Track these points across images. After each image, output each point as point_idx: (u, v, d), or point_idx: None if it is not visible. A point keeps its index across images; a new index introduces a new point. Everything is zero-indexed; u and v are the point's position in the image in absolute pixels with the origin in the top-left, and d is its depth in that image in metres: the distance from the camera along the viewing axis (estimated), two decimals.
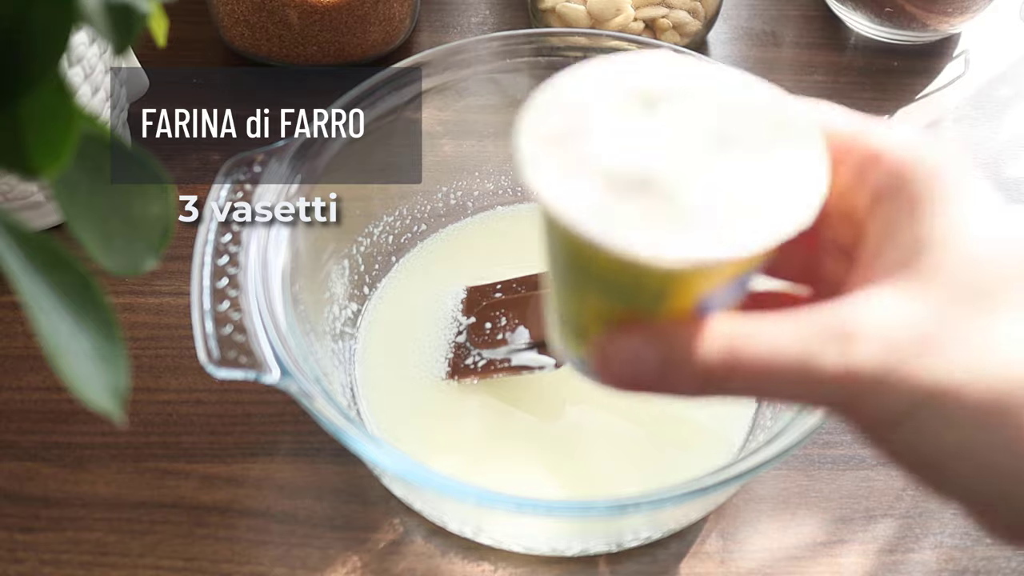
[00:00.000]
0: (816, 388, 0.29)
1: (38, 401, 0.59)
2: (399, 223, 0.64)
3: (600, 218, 0.28)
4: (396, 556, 0.54)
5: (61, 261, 0.30)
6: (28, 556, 0.53)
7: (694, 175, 0.29)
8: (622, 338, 0.30)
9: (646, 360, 0.30)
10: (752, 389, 0.29)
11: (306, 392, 0.46)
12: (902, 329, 0.28)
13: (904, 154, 0.31)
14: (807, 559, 0.54)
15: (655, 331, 0.30)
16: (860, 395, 0.28)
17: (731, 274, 0.30)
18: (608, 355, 0.31)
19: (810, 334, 0.28)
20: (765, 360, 0.29)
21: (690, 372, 0.29)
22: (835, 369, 0.28)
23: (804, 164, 0.30)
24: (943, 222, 0.29)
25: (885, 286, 0.29)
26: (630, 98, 0.31)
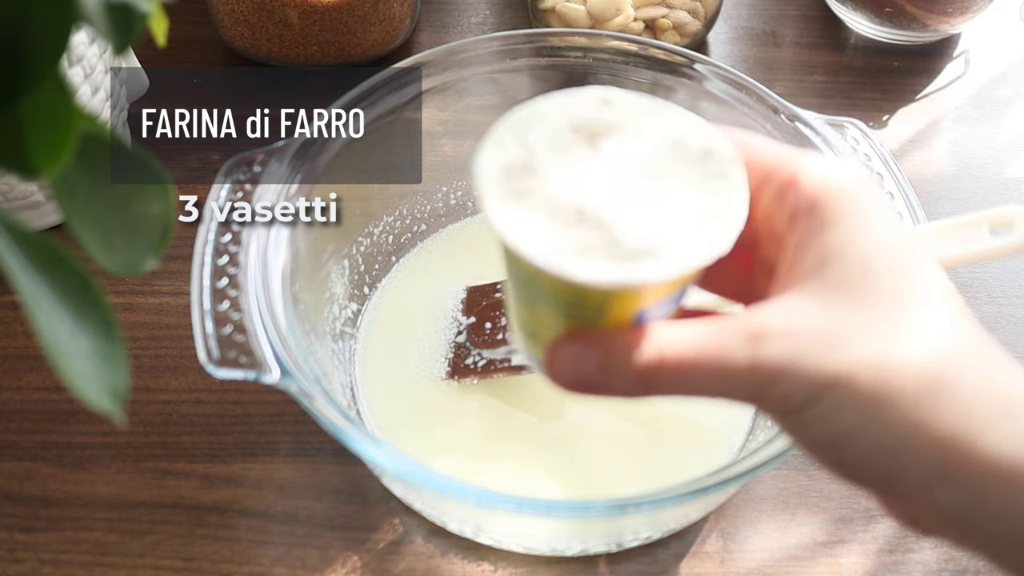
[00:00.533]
0: (731, 381, 0.33)
1: (38, 401, 0.59)
2: (399, 223, 0.64)
3: (545, 246, 0.32)
4: (396, 556, 0.54)
5: (61, 261, 0.30)
6: (28, 556, 0.53)
7: (628, 205, 0.33)
8: (566, 345, 0.35)
9: (587, 363, 0.34)
10: (680, 386, 0.34)
11: (306, 392, 0.46)
12: (804, 328, 0.33)
13: (817, 179, 0.35)
14: (807, 559, 0.54)
15: (595, 338, 0.34)
16: (768, 385, 0.32)
17: (661, 292, 0.34)
18: (555, 359, 0.35)
19: (726, 335, 0.33)
20: (689, 359, 0.33)
21: (626, 373, 0.34)
22: (746, 363, 0.32)
23: (726, 193, 0.34)
24: (846, 237, 0.34)
25: (794, 293, 0.34)
26: (575, 133, 0.35)
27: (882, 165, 0.54)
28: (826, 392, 0.32)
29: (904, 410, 0.32)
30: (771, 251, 0.37)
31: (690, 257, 0.32)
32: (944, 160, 0.73)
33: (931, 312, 0.33)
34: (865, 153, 0.55)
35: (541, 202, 0.33)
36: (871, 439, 0.32)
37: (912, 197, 0.53)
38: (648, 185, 0.34)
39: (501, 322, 0.59)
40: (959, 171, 0.73)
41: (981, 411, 0.32)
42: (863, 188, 0.35)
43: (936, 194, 0.71)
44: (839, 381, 0.32)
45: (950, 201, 0.71)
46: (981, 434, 0.32)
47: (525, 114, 0.35)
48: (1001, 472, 0.32)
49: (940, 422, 0.32)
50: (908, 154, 0.73)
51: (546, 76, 0.61)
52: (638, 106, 0.36)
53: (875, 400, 0.32)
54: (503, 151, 0.34)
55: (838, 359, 0.32)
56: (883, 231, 0.34)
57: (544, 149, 0.34)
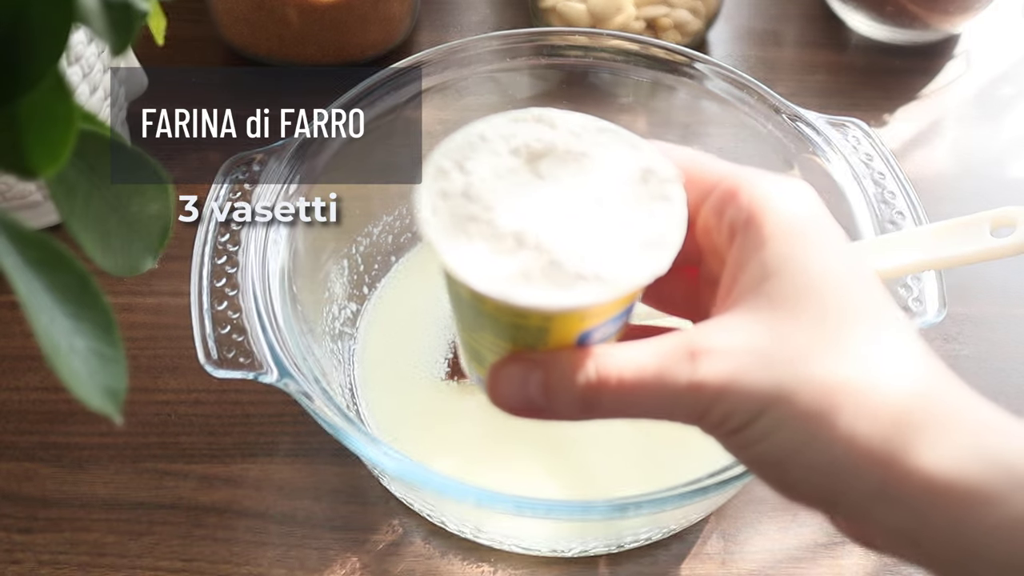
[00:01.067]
0: (673, 400, 0.32)
1: (36, 401, 0.59)
2: (399, 223, 0.63)
3: (486, 272, 0.32)
4: (395, 557, 0.54)
5: (59, 260, 0.30)
6: (26, 557, 0.53)
7: (569, 229, 0.33)
8: (508, 366, 0.35)
9: (529, 385, 0.34)
10: (622, 406, 0.33)
11: (305, 392, 0.46)
12: (744, 346, 0.32)
13: (756, 193, 0.34)
14: (808, 560, 0.54)
15: (536, 360, 0.34)
16: (708, 404, 0.32)
17: (603, 314, 0.34)
18: (498, 382, 0.35)
19: (666, 355, 0.33)
20: (628, 379, 0.33)
21: (567, 395, 0.33)
22: (687, 382, 0.32)
23: (666, 213, 0.34)
24: (785, 253, 0.33)
25: (734, 311, 0.33)
26: (515, 157, 0.35)
27: (884, 165, 0.54)
28: (767, 410, 0.32)
29: (843, 428, 0.31)
30: (714, 266, 0.37)
31: (629, 279, 0.32)
32: (946, 160, 0.73)
33: (871, 329, 0.33)
34: (867, 153, 0.55)
35: (482, 228, 0.33)
36: (811, 457, 0.32)
37: (914, 197, 0.53)
38: (588, 208, 0.34)
39: None
40: (961, 171, 0.73)
41: (920, 428, 0.32)
42: (803, 204, 0.35)
43: (938, 194, 0.71)
44: (780, 398, 0.32)
45: (951, 201, 0.70)
46: (920, 451, 0.31)
47: (464, 138, 0.35)
48: (940, 489, 0.31)
49: (878, 439, 0.31)
50: (909, 154, 0.73)
51: (546, 75, 0.61)
52: (579, 126, 0.36)
53: (815, 417, 0.31)
54: (443, 177, 0.34)
55: (779, 376, 0.32)
56: (822, 248, 0.34)
57: (485, 174, 0.34)
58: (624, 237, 0.33)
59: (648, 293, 0.41)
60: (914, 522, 0.32)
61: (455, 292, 0.36)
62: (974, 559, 0.32)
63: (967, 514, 0.31)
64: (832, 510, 0.34)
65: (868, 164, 0.54)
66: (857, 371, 0.32)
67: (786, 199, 0.34)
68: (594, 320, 0.34)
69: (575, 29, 0.63)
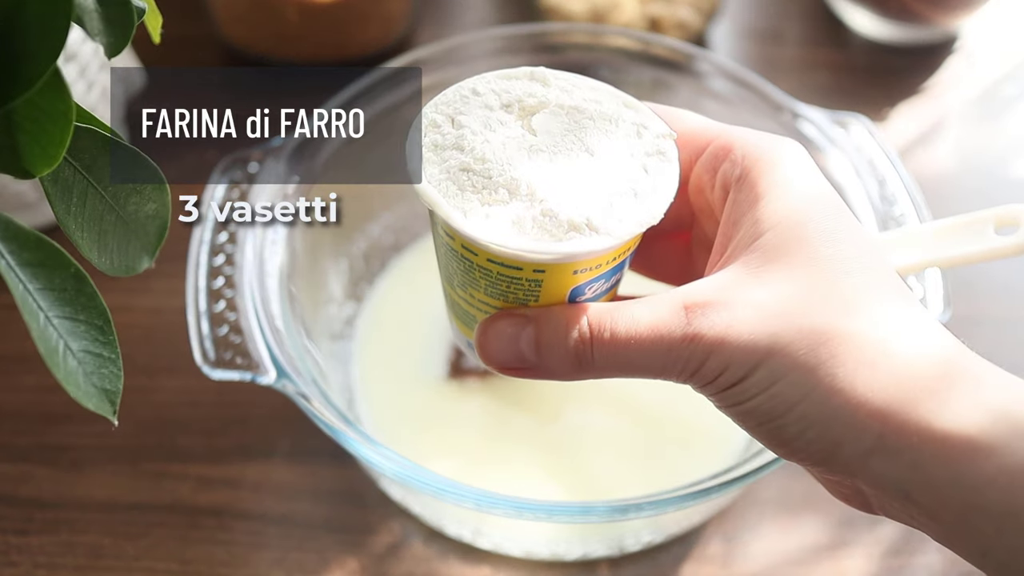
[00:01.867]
0: (666, 354, 0.32)
1: (32, 402, 0.58)
2: (398, 222, 0.63)
3: (479, 222, 0.32)
4: (394, 559, 0.53)
5: (55, 260, 0.30)
6: (22, 559, 0.53)
7: (562, 180, 0.33)
8: (498, 322, 0.34)
9: (519, 341, 0.34)
10: (615, 362, 0.33)
11: (303, 393, 0.46)
12: (739, 299, 0.32)
13: (748, 149, 0.34)
14: (810, 562, 0.53)
15: (528, 315, 0.34)
16: (703, 358, 0.32)
17: (595, 268, 0.34)
18: (487, 338, 0.35)
19: (660, 309, 0.32)
20: (622, 334, 0.32)
21: (561, 350, 0.33)
22: (681, 335, 0.32)
23: (659, 166, 0.34)
24: (779, 207, 0.33)
25: (728, 267, 0.33)
26: (507, 111, 0.35)
27: (886, 163, 0.54)
28: (764, 362, 0.31)
29: (841, 379, 0.31)
30: (708, 228, 0.37)
31: (623, 229, 0.32)
32: (948, 158, 0.73)
33: (866, 283, 0.33)
34: (869, 151, 0.55)
35: (474, 179, 0.33)
36: (808, 409, 0.32)
37: (916, 195, 0.53)
38: (582, 161, 0.34)
39: None
40: (963, 169, 0.72)
41: (918, 379, 0.31)
42: (797, 161, 0.35)
43: (940, 193, 0.70)
44: (776, 350, 0.31)
45: (954, 200, 0.70)
46: (918, 402, 0.31)
47: (456, 93, 0.35)
48: (938, 440, 0.31)
49: (877, 390, 0.31)
50: (912, 152, 0.73)
51: None
52: (571, 84, 0.36)
53: (812, 369, 0.31)
54: (435, 130, 0.34)
55: (775, 328, 0.31)
56: (816, 203, 0.34)
57: (477, 128, 0.34)
58: (617, 188, 0.33)
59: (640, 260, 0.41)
60: (911, 475, 0.32)
61: (446, 246, 0.35)
62: (973, 511, 0.31)
63: (966, 465, 0.31)
64: (826, 464, 0.33)
65: (871, 162, 0.54)
66: (854, 323, 0.32)
67: (780, 156, 0.34)
68: (586, 274, 0.34)
69: (576, 26, 0.63)
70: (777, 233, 0.33)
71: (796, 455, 0.33)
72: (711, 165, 0.36)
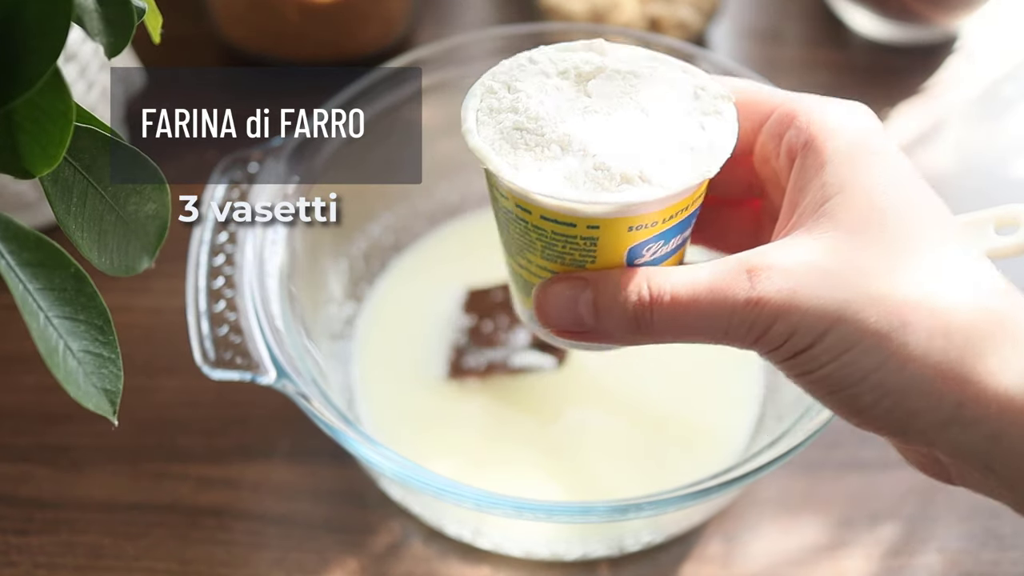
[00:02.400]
0: (729, 319, 0.31)
1: (32, 402, 0.58)
2: (398, 222, 0.63)
3: (534, 177, 0.32)
4: (394, 559, 0.53)
5: (55, 260, 0.29)
6: (22, 559, 0.53)
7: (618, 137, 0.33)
8: (556, 285, 0.34)
9: (578, 303, 0.33)
10: (676, 326, 0.32)
11: (303, 393, 0.46)
12: (807, 263, 0.31)
13: (814, 115, 0.34)
14: (810, 563, 0.53)
15: (586, 277, 0.34)
16: (768, 322, 0.31)
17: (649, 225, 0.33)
18: (545, 300, 0.34)
19: (723, 272, 0.32)
20: (683, 297, 0.32)
21: (619, 313, 0.33)
22: (744, 298, 0.31)
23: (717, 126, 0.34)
24: (847, 174, 0.33)
25: (794, 233, 0.33)
26: (564, 78, 0.35)
27: None
28: (833, 328, 0.31)
29: (915, 347, 0.30)
30: (775, 196, 0.36)
31: (678, 180, 0.32)
32: (948, 158, 0.73)
33: (937, 247, 0.32)
34: None
35: (528, 137, 0.33)
36: (883, 378, 0.31)
37: None
38: (637, 119, 0.34)
39: (502, 322, 0.59)
40: (963, 170, 0.72)
41: (995, 347, 0.31)
42: (863, 124, 0.34)
43: (940, 193, 0.69)
44: (845, 316, 0.31)
45: (954, 200, 0.69)
46: (997, 370, 0.31)
47: (513, 63, 0.36)
48: (1018, 407, 0.31)
49: (953, 358, 0.30)
50: (912, 153, 0.73)
51: None
52: (628, 55, 0.36)
53: (884, 336, 0.30)
54: (491, 96, 0.35)
55: (844, 293, 0.31)
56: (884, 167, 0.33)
57: (532, 91, 0.34)
58: (673, 144, 0.33)
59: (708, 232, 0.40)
60: (989, 444, 0.31)
61: (503, 210, 0.35)
62: None
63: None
64: (902, 436, 0.33)
65: None
66: (927, 289, 0.31)
67: (845, 119, 0.34)
68: (642, 232, 0.33)
69: (576, 26, 0.63)
70: (844, 199, 0.32)
71: (871, 424, 0.33)
72: (776, 132, 0.35)
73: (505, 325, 0.59)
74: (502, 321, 0.59)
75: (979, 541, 0.54)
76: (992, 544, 0.54)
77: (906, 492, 0.56)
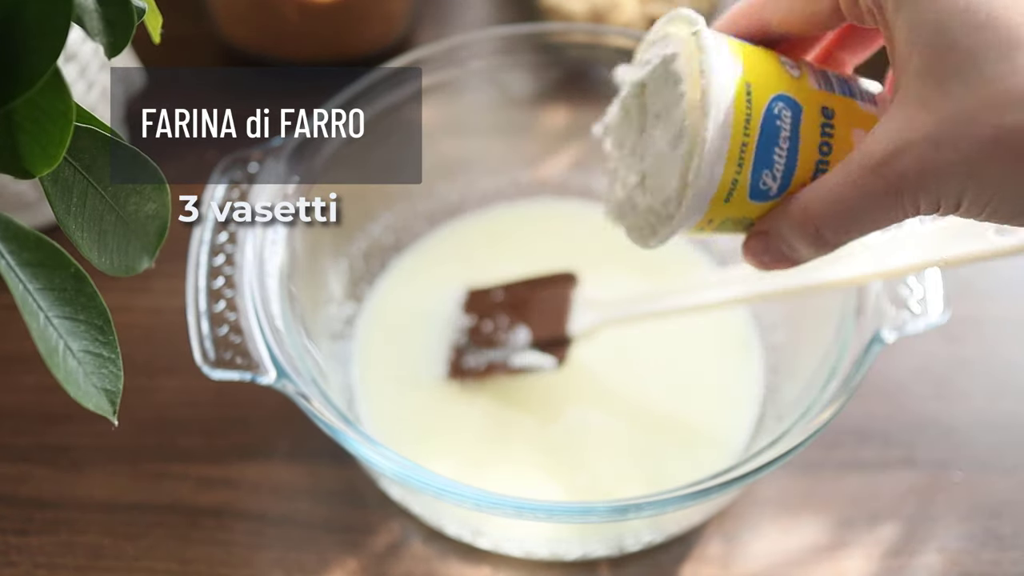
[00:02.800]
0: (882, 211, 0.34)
1: (32, 402, 0.58)
2: (398, 222, 0.63)
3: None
4: (394, 559, 0.53)
5: (55, 260, 0.29)
6: (22, 559, 0.53)
7: None
8: (751, 242, 0.39)
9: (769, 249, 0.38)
10: (843, 231, 0.36)
11: (303, 393, 0.46)
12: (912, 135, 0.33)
13: None
14: (810, 563, 0.53)
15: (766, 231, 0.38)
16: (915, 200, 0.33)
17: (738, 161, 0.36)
18: (750, 258, 0.39)
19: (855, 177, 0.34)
20: (837, 212, 0.35)
21: (799, 245, 0.37)
22: (885, 191, 0.34)
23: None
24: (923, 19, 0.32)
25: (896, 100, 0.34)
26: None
27: None
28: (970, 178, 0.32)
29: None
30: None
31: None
32: None
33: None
34: None
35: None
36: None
37: None
38: None
39: (502, 323, 0.59)
40: None
41: None
42: None
43: None
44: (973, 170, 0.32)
45: None
46: None
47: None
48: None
49: None
50: None
51: (547, 73, 0.61)
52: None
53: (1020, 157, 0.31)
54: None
55: (964, 150, 0.32)
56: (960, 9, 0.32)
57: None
58: None
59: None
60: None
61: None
62: None
63: None
64: None
65: None
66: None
67: None
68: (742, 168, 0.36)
69: (576, 26, 0.63)
70: (929, 51, 0.32)
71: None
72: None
73: (505, 325, 0.59)
74: (502, 321, 0.59)
75: (979, 541, 0.54)
76: (992, 544, 0.54)
77: (906, 492, 0.56)
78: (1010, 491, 0.55)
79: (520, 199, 0.66)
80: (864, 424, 0.58)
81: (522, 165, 0.65)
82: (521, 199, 0.66)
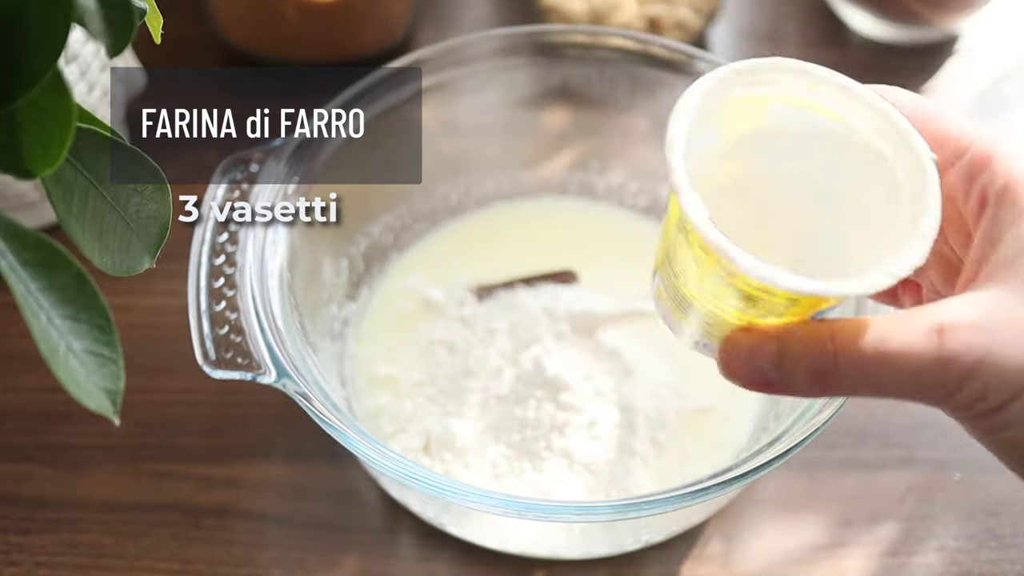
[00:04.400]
0: (916, 377, 0.30)
1: (33, 402, 0.58)
2: (398, 222, 0.63)
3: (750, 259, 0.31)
4: (394, 559, 0.53)
5: (56, 260, 0.30)
6: (23, 559, 0.53)
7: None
8: (741, 336, 0.34)
9: (762, 357, 0.33)
10: (860, 382, 0.31)
11: (303, 393, 0.46)
12: (1000, 321, 0.30)
13: (1011, 162, 0.32)
14: (810, 562, 0.53)
15: (770, 332, 0.33)
16: (959, 382, 0.30)
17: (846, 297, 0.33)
18: (729, 351, 0.34)
19: (911, 328, 0.31)
20: (869, 354, 0.31)
21: (803, 365, 0.32)
22: (932, 357, 0.30)
23: (919, 199, 0.32)
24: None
25: (986, 287, 0.31)
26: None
27: None
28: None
29: None
30: (953, 238, 0.35)
31: (886, 274, 0.31)
32: None
33: None
34: None
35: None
36: None
37: None
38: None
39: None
40: None
41: None
42: None
43: None
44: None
45: None
46: None
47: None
48: None
49: None
50: None
51: (547, 74, 0.61)
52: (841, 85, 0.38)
53: None
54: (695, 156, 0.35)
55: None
56: None
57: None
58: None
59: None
60: None
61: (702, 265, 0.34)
62: None
63: None
64: None
65: None
66: None
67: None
68: (835, 302, 0.33)
69: (575, 27, 0.63)
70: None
71: None
72: (967, 175, 0.33)
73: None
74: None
75: (978, 540, 0.54)
76: (991, 544, 0.54)
77: (905, 492, 0.56)
78: (1009, 491, 0.55)
79: (520, 199, 0.66)
80: (863, 424, 0.58)
81: (522, 165, 0.65)
82: (521, 199, 0.66)
